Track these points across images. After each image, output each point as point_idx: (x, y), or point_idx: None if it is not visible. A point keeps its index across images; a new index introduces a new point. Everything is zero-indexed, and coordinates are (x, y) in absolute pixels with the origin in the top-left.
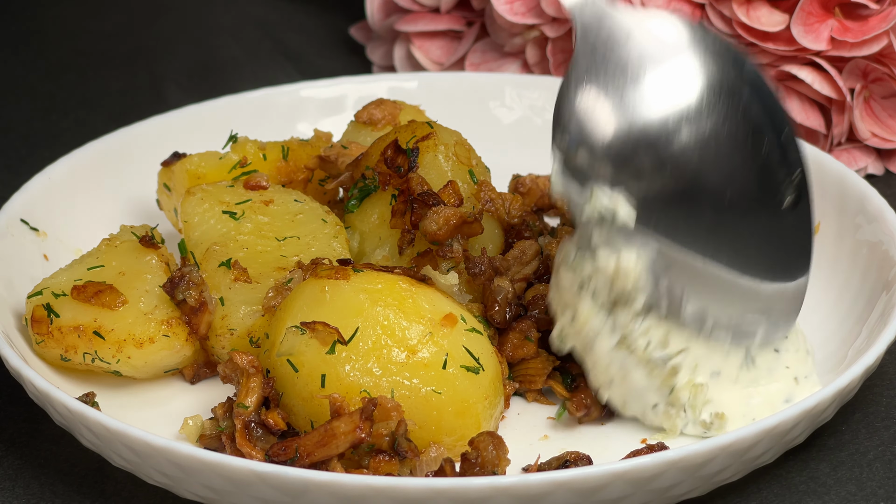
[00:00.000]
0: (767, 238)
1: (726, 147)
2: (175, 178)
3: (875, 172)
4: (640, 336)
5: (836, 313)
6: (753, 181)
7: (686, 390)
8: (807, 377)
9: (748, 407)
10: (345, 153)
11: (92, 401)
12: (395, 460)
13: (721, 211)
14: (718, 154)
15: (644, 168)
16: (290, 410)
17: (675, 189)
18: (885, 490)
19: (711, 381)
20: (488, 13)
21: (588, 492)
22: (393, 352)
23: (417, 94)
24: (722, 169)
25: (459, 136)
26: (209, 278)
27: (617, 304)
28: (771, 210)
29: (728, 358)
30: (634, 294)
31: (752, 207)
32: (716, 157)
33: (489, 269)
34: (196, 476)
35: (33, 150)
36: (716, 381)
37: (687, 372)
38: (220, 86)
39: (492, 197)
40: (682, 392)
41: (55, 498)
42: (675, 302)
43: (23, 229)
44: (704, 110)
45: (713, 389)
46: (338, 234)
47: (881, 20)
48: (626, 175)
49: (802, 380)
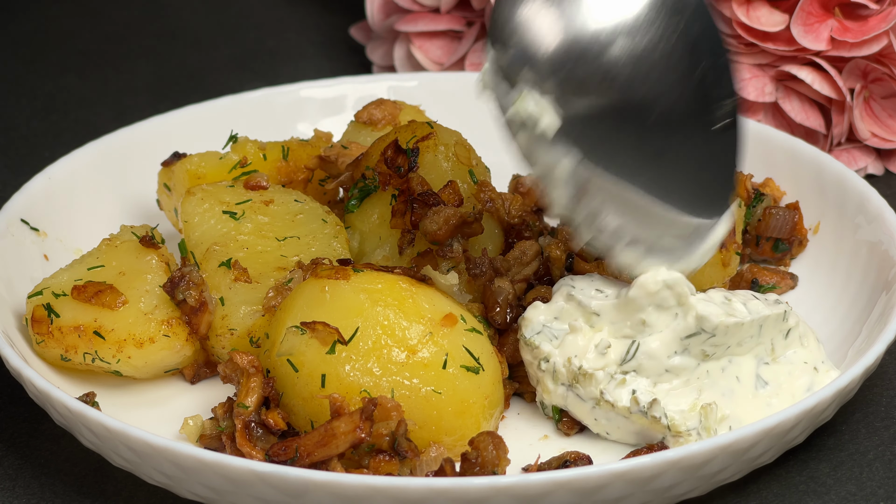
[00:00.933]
0: (692, 164)
1: (660, 64)
2: (175, 178)
3: (875, 172)
4: (615, 396)
5: (836, 313)
6: (683, 101)
7: (693, 415)
8: (823, 362)
9: (770, 408)
10: (345, 153)
11: (92, 401)
12: (395, 460)
13: (648, 129)
14: (651, 70)
15: (574, 79)
16: (290, 410)
17: (603, 103)
18: (885, 490)
19: (723, 400)
20: (488, 13)
21: (588, 492)
22: (393, 352)
23: (417, 94)
24: (653, 86)
25: (459, 136)
26: (209, 278)
27: (577, 382)
28: (698, 132)
29: (739, 383)
30: (593, 373)
31: (679, 127)
32: (648, 73)
33: (490, 270)
34: (196, 476)
35: (33, 150)
36: (729, 399)
37: (679, 406)
38: (220, 86)
39: (492, 197)
40: (687, 418)
41: (55, 498)
42: (594, 218)
43: (23, 229)
44: (642, 25)
45: (728, 406)
46: (338, 234)
47: (881, 20)
48: (555, 83)
49: (820, 365)
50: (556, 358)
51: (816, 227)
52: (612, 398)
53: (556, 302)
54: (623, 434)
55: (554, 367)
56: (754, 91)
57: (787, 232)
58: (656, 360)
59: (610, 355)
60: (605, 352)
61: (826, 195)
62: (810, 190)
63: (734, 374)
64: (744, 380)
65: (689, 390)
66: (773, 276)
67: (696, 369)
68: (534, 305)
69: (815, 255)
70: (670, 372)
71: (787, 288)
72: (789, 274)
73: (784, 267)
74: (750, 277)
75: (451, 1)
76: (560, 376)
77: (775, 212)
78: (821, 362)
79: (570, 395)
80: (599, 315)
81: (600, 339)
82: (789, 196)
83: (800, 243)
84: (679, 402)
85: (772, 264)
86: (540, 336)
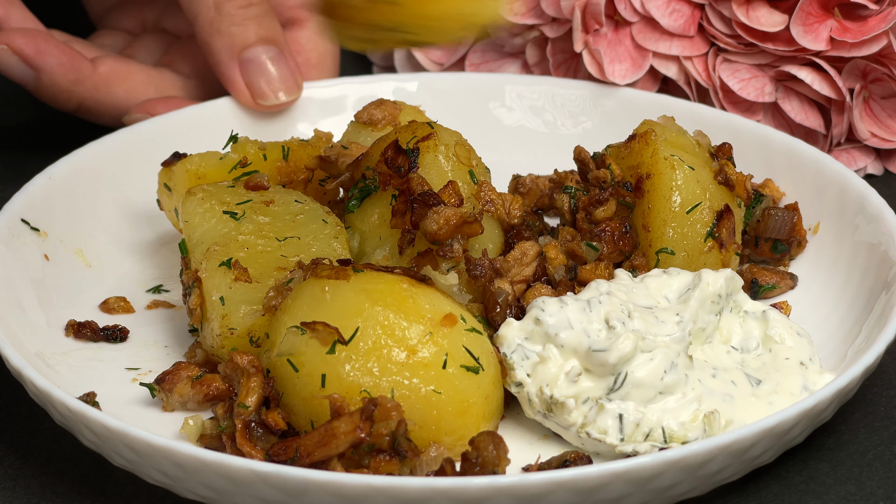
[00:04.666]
0: None
1: None
2: (175, 178)
3: (874, 172)
4: (600, 426)
5: (836, 313)
6: None
7: (695, 425)
8: (811, 359)
9: (772, 407)
10: (345, 153)
11: (92, 400)
12: (396, 460)
13: None
14: None
15: None
16: (290, 410)
17: None
18: (885, 490)
19: (725, 405)
20: None
21: (588, 491)
22: (393, 352)
23: (418, 94)
24: None
25: (460, 136)
26: (209, 278)
27: (551, 411)
28: None
29: (737, 387)
30: (564, 402)
31: None
32: None
33: (489, 271)
34: (196, 476)
35: (33, 150)
36: (730, 404)
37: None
38: (220, 85)
39: (492, 197)
40: (689, 430)
41: (55, 498)
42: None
43: (23, 229)
44: None
45: (730, 411)
46: (338, 234)
47: (881, 20)
48: None
49: (808, 362)
50: (529, 388)
51: (816, 228)
52: (597, 433)
53: (526, 322)
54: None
55: (528, 396)
56: (754, 91)
57: (786, 233)
58: (646, 386)
59: (582, 383)
60: (576, 379)
61: (825, 195)
62: (810, 190)
63: (728, 379)
64: (739, 383)
65: (687, 402)
66: (773, 277)
67: (686, 382)
68: (507, 323)
69: (814, 256)
70: (664, 392)
71: (786, 288)
72: (789, 274)
73: (783, 267)
74: (749, 277)
75: None
76: (535, 405)
77: (774, 212)
78: (808, 359)
79: (550, 422)
80: (564, 347)
81: (571, 366)
82: (789, 197)
83: (799, 244)
84: (679, 414)
85: (771, 265)
86: (515, 354)
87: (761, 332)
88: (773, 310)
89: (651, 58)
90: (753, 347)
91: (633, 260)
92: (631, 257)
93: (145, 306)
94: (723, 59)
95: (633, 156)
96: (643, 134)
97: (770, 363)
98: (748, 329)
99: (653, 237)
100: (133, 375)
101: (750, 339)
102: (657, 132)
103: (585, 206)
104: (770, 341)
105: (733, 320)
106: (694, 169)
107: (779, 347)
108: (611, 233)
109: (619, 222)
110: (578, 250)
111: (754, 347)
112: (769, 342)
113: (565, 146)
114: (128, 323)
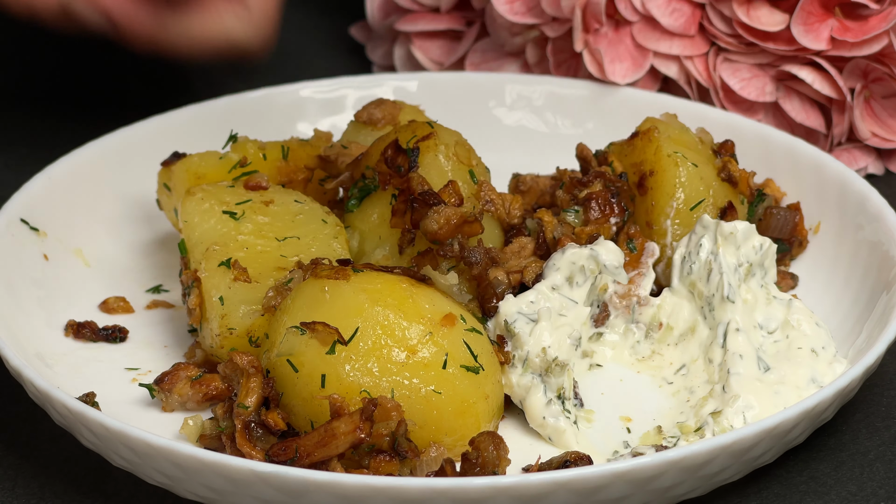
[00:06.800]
0: None
1: None
2: (175, 178)
3: (875, 172)
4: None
5: (836, 313)
6: None
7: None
8: (824, 348)
9: (776, 397)
10: (345, 153)
11: (92, 401)
12: (396, 460)
13: None
14: None
15: None
16: (290, 410)
17: None
18: (886, 490)
19: (733, 380)
20: (488, 13)
21: (588, 492)
22: (393, 352)
23: (417, 94)
24: None
25: (459, 136)
26: (209, 278)
27: (550, 372)
28: None
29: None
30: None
31: None
32: None
33: (485, 258)
34: (196, 476)
35: (33, 150)
36: (738, 381)
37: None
38: (219, 86)
39: (492, 197)
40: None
41: (55, 498)
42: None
43: (23, 229)
44: None
45: (738, 387)
46: (338, 234)
47: (881, 20)
48: None
49: (821, 350)
50: (529, 347)
51: (817, 228)
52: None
53: (527, 294)
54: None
55: (527, 356)
56: (754, 91)
57: (787, 232)
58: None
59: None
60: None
61: (826, 195)
62: (811, 190)
63: (737, 353)
64: (747, 358)
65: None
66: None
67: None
68: (505, 300)
69: (815, 256)
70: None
71: (787, 288)
72: (789, 274)
73: (784, 267)
74: None
75: (451, 1)
76: (534, 365)
77: (776, 212)
78: (821, 348)
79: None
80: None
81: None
82: (790, 197)
83: (800, 244)
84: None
85: None
86: (517, 323)
87: (783, 316)
88: (799, 301)
89: (651, 57)
90: (773, 330)
91: (629, 230)
92: (625, 227)
93: (145, 306)
94: (723, 58)
95: (637, 153)
96: (646, 131)
97: (784, 351)
98: (772, 311)
99: (656, 234)
100: (132, 376)
101: (771, 320)
102: (660, 129)
103: (569, 189)
104: (788, 327)
105: (761, 296)
106: (697, 166)
107: (795, 334)
108: (596, 198)
109: (606, 190)
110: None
111: (773, 330)
112: (787, 328)
113: (565, 146)
114: (127, 323)
